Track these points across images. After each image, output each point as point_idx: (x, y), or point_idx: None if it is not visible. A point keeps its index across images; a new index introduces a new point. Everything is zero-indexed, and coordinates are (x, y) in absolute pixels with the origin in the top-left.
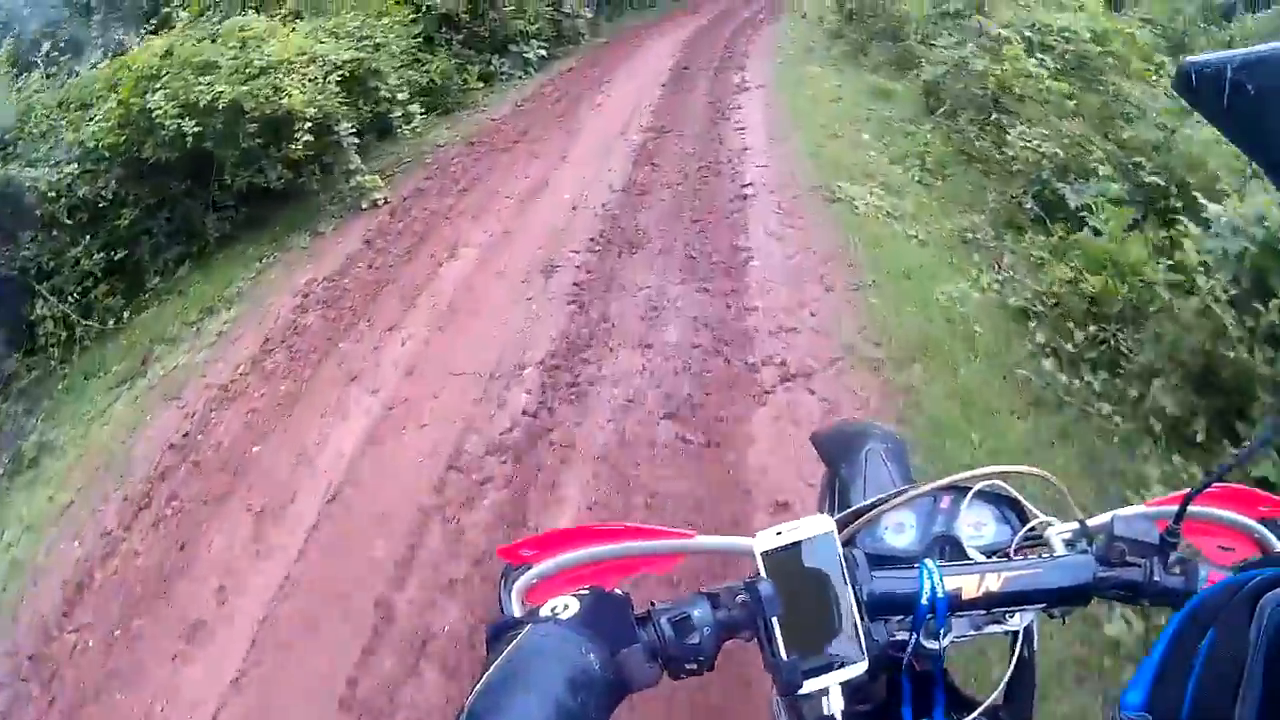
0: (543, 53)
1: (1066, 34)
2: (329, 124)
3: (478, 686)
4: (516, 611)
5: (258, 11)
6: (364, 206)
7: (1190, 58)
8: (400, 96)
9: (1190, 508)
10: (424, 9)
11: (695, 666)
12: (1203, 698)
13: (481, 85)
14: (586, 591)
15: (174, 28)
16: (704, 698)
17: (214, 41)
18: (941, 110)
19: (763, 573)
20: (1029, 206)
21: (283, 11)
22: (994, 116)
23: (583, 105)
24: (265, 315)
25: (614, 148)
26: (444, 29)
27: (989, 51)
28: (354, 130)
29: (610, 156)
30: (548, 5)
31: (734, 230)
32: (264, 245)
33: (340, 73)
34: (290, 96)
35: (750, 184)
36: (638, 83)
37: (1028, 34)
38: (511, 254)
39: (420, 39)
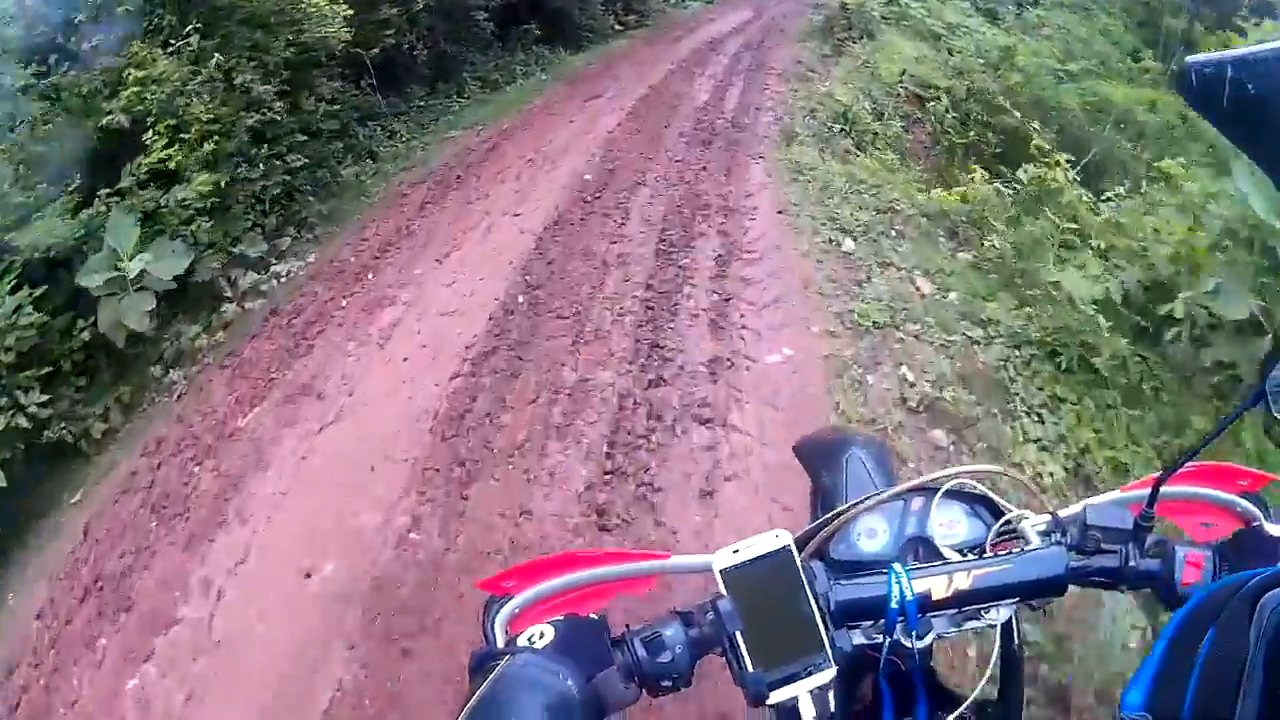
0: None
1: None
2: None
3: (461, 715)
4: (500, 641)
5: None
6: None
7: (1191, 58)
8: None
9: (1167, 488)
10: None
11: (671, 684)
12: (1203, 697)
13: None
14: (561, 619)
15: None
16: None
17: None
18: None
19: (722, 590)
20: None
21: None
22: None
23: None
24: None
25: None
26: None
27: None
28: None
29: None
30: None
31: None
32: None
33: None
34: None
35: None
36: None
37: None
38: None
39: None
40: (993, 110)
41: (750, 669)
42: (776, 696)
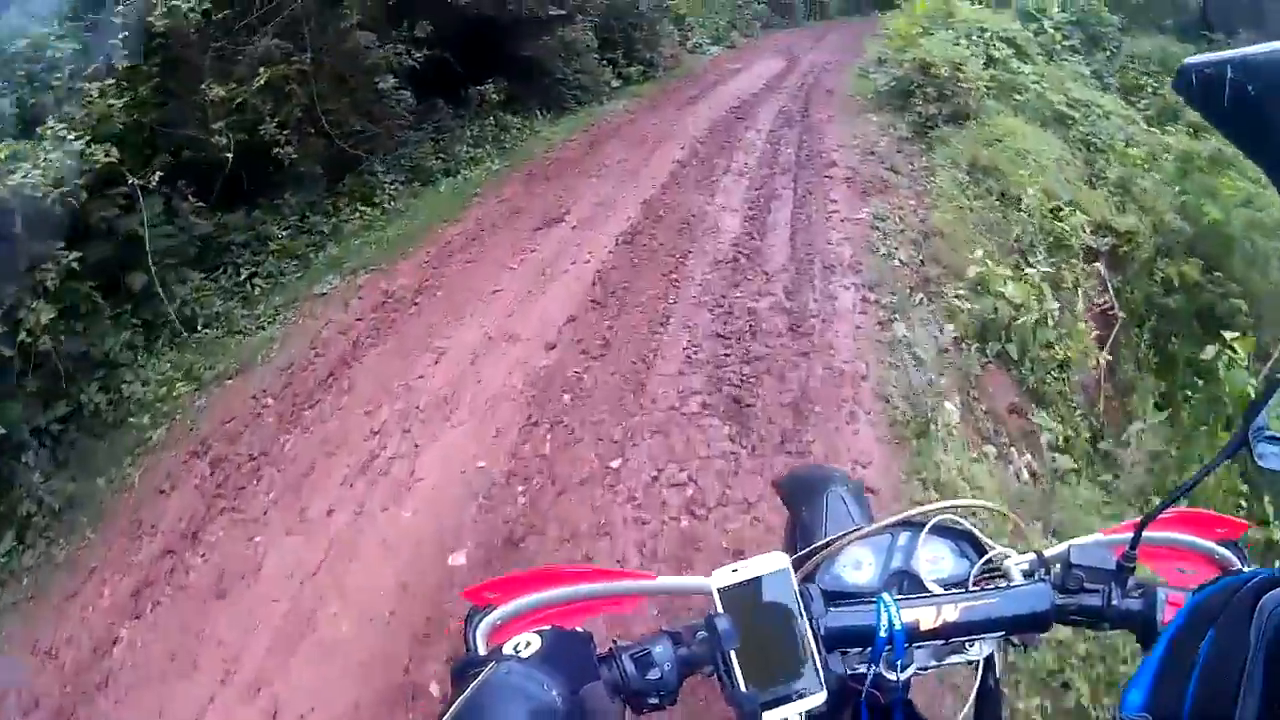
0: None
1: None
2: None
3: None
4: (481, 651)
5: None
6: None
7: (1191, 58)
8: None
9: (1148, 533)
10: None
11: (658, 701)
12: (1203, 698)
13: None
14: (548, 629)
15: None
16: None
17: None
18: None
19: (719, 608)
20: None
21: None
22: None
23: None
24: None
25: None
26: None
27: None
28: None
29: None
30: None
31: None
32: None
33: None
34: None
35: None
36: None
37: None
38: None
39: None
40: (1184, 280)
41: (744, 688)
42: (769, 717)
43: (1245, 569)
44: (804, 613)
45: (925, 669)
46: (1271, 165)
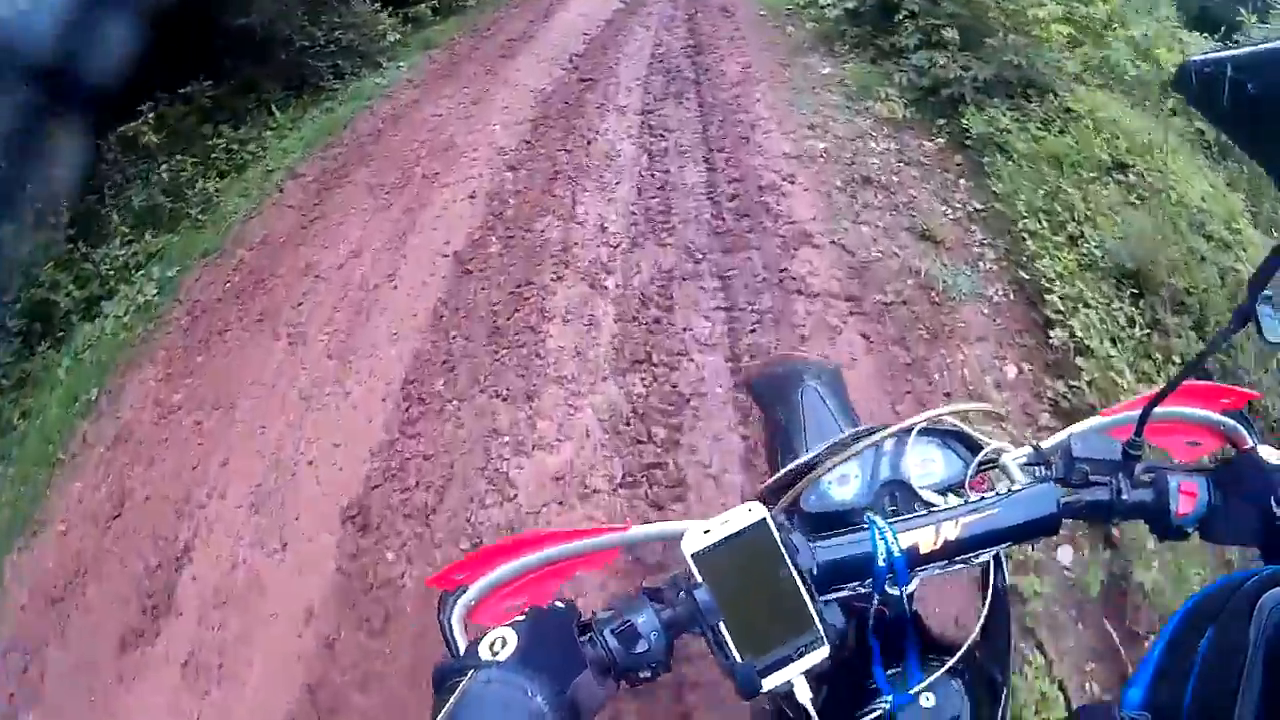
0: None
1: None
2: None
3: None
4: (460, 639)
5: None
6: None
7: (1191, 57)
8: None
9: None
10: None
11: (650, 673)
12: (1203, 696)
13: None
14: (523, 618)
15: None
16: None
17: None
18: None
19: (697, 577)
20: None
21: None
22: None
23: None
24: None
25: None
26: None
27: None
28: None
29: None
30: None
31: None
32: None
33: None
34: None
35: None
36: None
37: None
38: None
39: None
40: None
41: (739, 659)
42: (769, 683)
43: (1261, 445)
44: (791, 563)
45: (930, 577)
46: (1270, 162)
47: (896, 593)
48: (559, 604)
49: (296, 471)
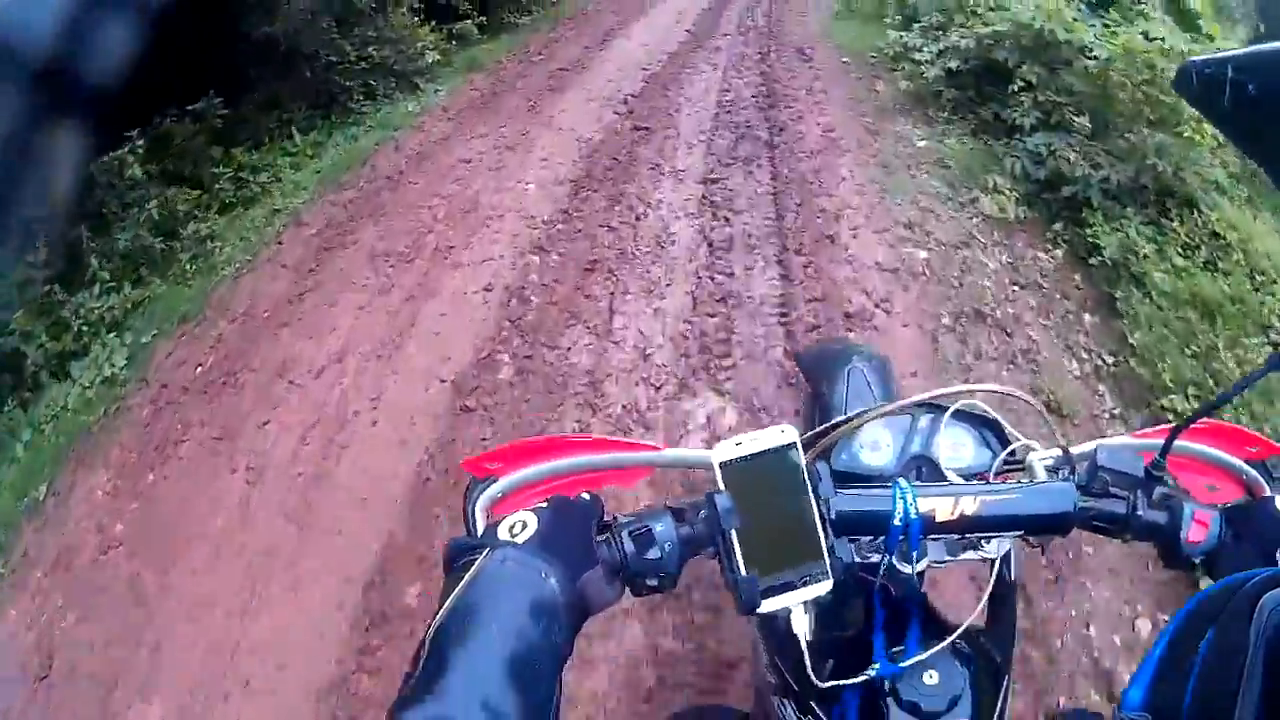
0: None
1: None
2: None
3: (437, 618)
4: (480, 525)
5: None
6: None
7: (1192, 57)
8: None
9: (1179, 442)
10: None
11: (657, 583)
12: (1203, 697)
13: None
14: (545, 505)
15: None
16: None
17: None
18: None
19: (720, 485)
20: None
21: None
22: None
23: None
24: None
25: None
26: None
27: None
28: None
29: None
30: None
31: None
32: None
33: None
34: None
35: None
36: None
37: None
38: None
39: None
40: None
41: (744, 572)
42: (768, 605)
43: (1270, 492)
44: (812, 493)
45: (940, 563)
46: (1272, 166)
47: (908, 570)
48: (584, 495)
49: (230, 696)
